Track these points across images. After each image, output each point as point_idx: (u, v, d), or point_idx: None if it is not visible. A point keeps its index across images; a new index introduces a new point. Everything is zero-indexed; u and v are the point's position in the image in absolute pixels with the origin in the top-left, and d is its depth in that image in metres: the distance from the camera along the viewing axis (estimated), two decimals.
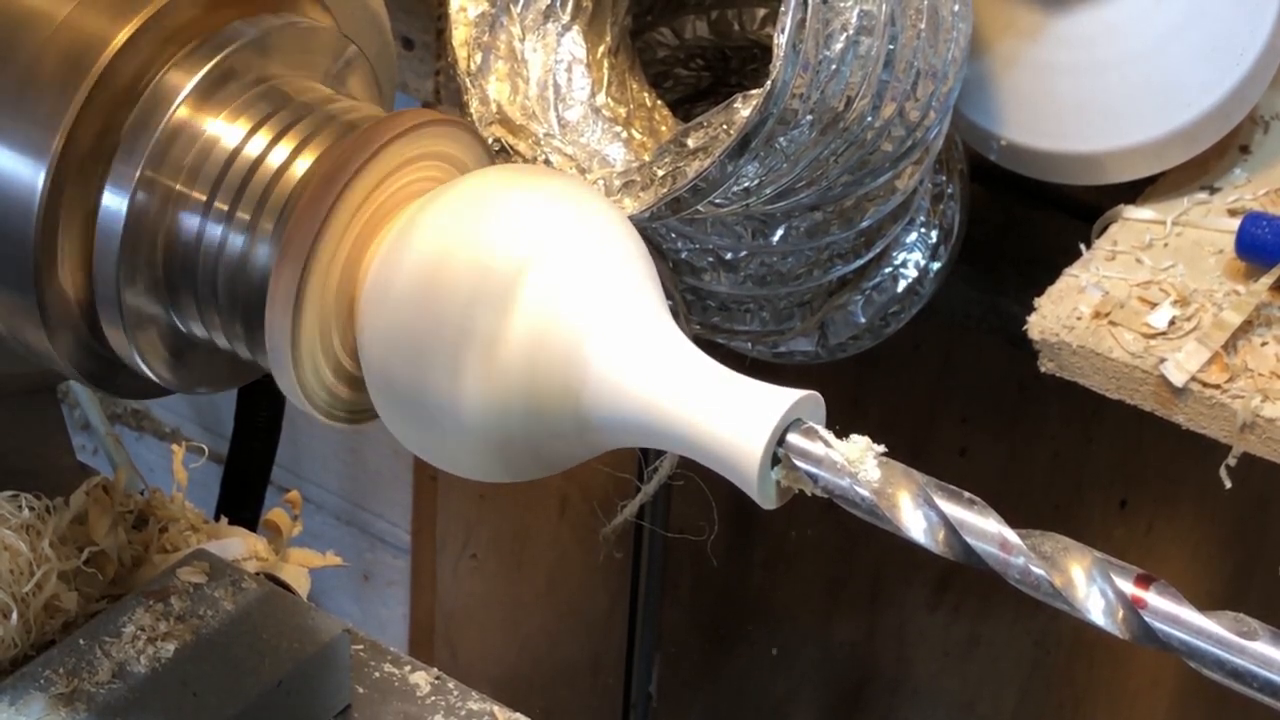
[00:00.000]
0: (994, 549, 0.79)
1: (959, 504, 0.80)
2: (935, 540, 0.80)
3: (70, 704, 1.04)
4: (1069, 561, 0.78)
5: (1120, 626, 0.77)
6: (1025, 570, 0.78)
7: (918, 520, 0.80)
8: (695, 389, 0.83)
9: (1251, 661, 0.75)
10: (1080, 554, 0.78)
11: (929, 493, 0.80)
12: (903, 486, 0.80)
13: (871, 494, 0.80)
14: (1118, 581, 0.77)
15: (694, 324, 1.46)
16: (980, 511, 0.79)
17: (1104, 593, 0.77)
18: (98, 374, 0.95)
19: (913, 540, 0.80)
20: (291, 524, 1.28)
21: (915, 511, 0.80)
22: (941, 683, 2.17)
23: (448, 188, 0.88)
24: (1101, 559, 0.78)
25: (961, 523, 0.79)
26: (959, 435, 1.99)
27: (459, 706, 1.13)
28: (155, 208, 0.90)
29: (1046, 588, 0.78)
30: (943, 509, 0.80)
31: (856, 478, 0.81)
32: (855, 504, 0.81)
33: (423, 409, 0.86)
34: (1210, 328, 1.30)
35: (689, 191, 1.13)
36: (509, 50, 1.23)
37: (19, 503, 1.10)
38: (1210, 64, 1.40)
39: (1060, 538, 0.79)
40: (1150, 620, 0.77)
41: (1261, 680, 0.75)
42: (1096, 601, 0.77)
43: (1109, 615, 0.77)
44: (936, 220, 1.46)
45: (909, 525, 0.80)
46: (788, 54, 1.10)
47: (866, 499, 0.80)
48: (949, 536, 0.79)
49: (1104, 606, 0.77)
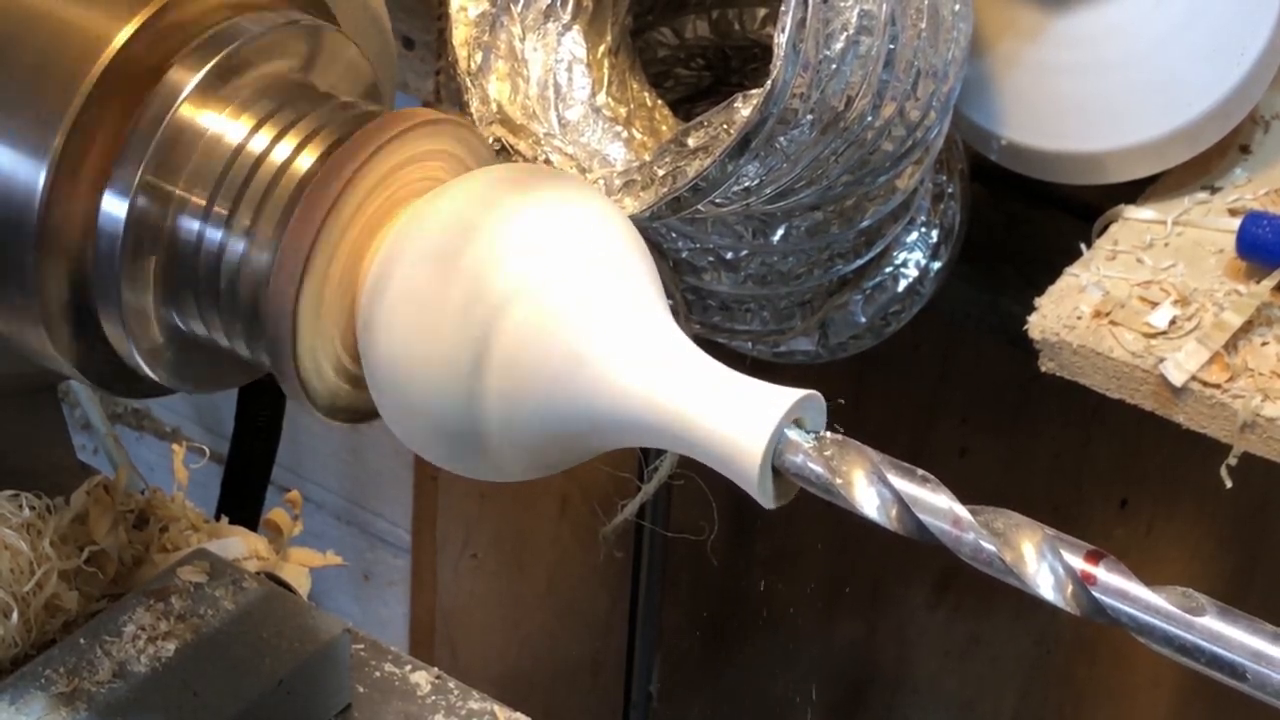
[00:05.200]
0: (946, 525, 0.79)
1: (912, 481, 0.80)
2: (888, 517, 0.80)
3: (71, 703, 1.04)
4: (1020, 538, 0.78)
5: (1070, 602, 0.77)
6: (976, 546, 0.78)
7: (870, 497, 0.80)
8: (696, 388, 0.83)
9: (1199, 636, 0.75)
10: (1031, 530, 0.78)
11: (882, 470, 0.80)
12: (857, 465, 0.80)
13: (826, 471, 0.80)
14: (1067, 557, 0.77)
15: (694, 323, 1.45)
16: (933, 489, 0.79)
17: (1054, 569, 0.77)
18: (98, 374, 0.95)
19: (866, 516, 0.80)
20: (292, 524, 1.28)
21: (869, 489, 0.80)
22: (942, 682, 2.17)
23: (449, 186, 0.88)
24: (1052, 535, 0.78)
25: (914, 499, 0.79)
26: (959, 435, 1.99)
27: (459, 706, 1.13)
28: (156, 210, 0.89)
29: (997, 564, 0.78)
30: (895, 486, 0.80)
31: (809, 454, 0.80)
32: (810, 481, 0.81)
33: (426, 408, 0.86)
34: (1211, 328, 1.30)
35: (689, 191, 1.13)
36: (509, 50, 1.23)
37: (19, 502, 1.10)
38: (1211, 64, 1.40)
39: (1012, 514, 0.79)
40: (1099, 595, 0.76)
41: (1209, 655, 0.75)
42: (1046, 577, 0.77)
43: (1059, 590, 0.77)
44: (937, 220, 1.46)
45: (862, 502, 0.80)
46: (788, 53, 1.10)
47: (821, 476, 0.80)
48: (901, 513, 0.79)
49: (1054, 582, 0.77)
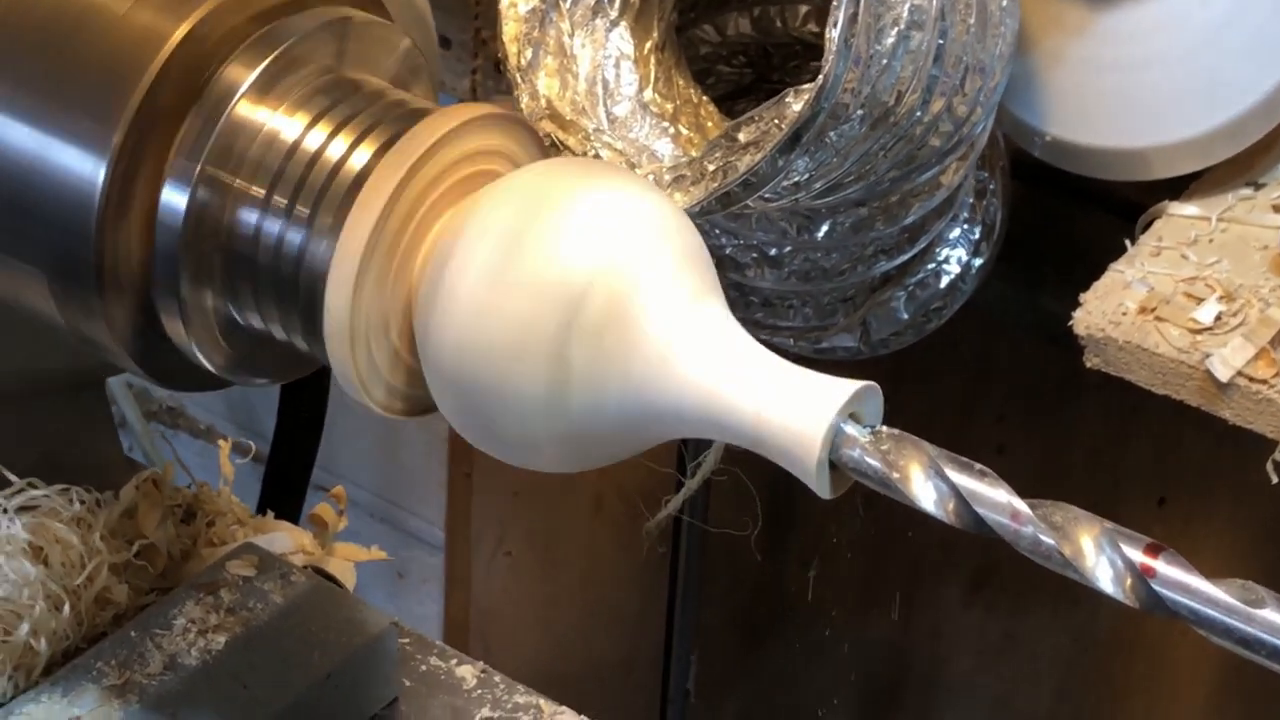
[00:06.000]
0: (1005, 519, 0.79)
1: (970, 475, 0.80)
2: (945, 511, 0.79)
3: (122, 695, 1.04)
4: (1078, 531, 0.78)
5: (1129, 594, 0.77)
6: (1035, 540, 0.78)
7: (928, 491, 0.80)
8: (756, 380, 0.83)
9: (1259, 629, 0.75)
10: (1090, 523, 0.78)
11: (940, 464, 0.80)
12: (914, 459, 0.80)
13: (883, 465, 0.80)
14: (1127, 550, 0.77)
15: (737, 319, 1.45)
16: (991, 483, 0.79)
17: (1113, 561, 0.77)
18: (155, 366, 0.95)
19: (924, 510, 0.80)
20: (337, 518, 1.29)
21: (926, 483, 0.80)
22: (977, 680, 2.17)
23: (508, 181, 0.88)
24: (1111, 528, 0.78)
25: (972, 493, 0.79)
26: (997, 432, 1.98)
27: (505, 700, 1.14)
28: (215, 203, 0.90)
29: (1056, 557, 0.78)
30: (953, 480, 0.79)
31: (866, 448, 0.80)
32: (867, 475, 0.80)
33: (489, 404, 0.86)
34: (1256, 323, 1.30)
35: (739, 186, 1.14)
36: (558, 46, 1.23)
37: (69, 496, 1.10)
38: (1255, 60, 1.39)
39: (1070, 508, 0.79)
40: (1159, 588, 0.76)
41: (1270, 647, 0.75)
42: (1105, 570, 0.77)
43: (1118, 583, 0.77)
44: (979, 216, 1.46)
45: (920, 496, 0.80)
46: (840, 48, 1.10)
47: (878, 469, 0.80)
48: (959, 507, 0.79)
49: (1113, 575, 0.77)
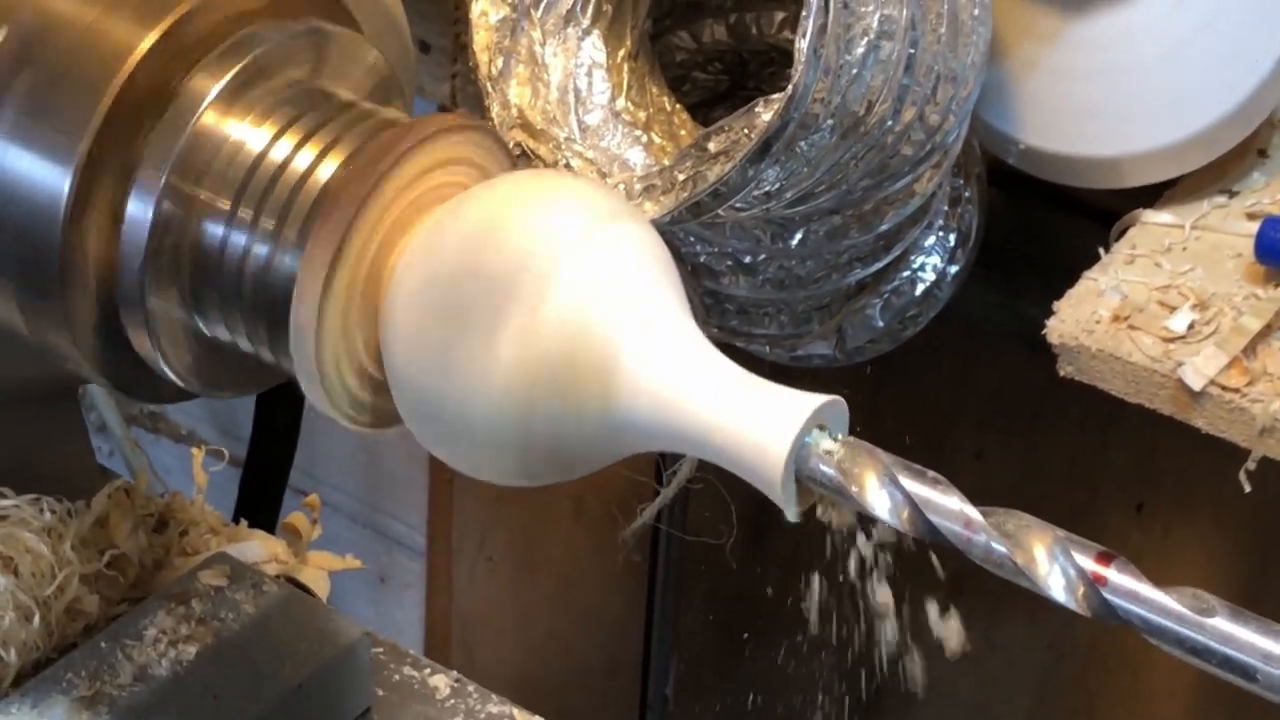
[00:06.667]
0: (957, 527, 0.79)
1: (923, 483, 0.80)
2: (900, 519, 0.79)
3: (92, 706, 1.04)
4: (1031, 539, 0.78)
5: (1081, 604, 0.77)
6: (988, 548, 0.78)
7: (883, 499, 0.80)
8: (720, 394, 0.83)
9: (1210, 638, 0.75)
10: (1042, 532, 0.78)
11: (894, 472, 0.80)
12: (869, 467, 0.80)
13: (838, 473, 0.80)
14: (1079, 559, 0.77)
15: (712, 327, 1.45)
16: (944, 490, 0.79)
17: (1065, 570, 0.77)
18: (121, 377, 0.95)
19: (879, 518, 0.80)
20: (311, 527, 1.28)
21: (880, 491, 0.80)
22: (955, 688, 2.17)
23: (474, 192, 0.88)
24: (1063, 537, 0.78)
25: (925, 501, 0.79)
26: (976, 438, 1.98)
27: (478, 709, 1.13)
28: (180, 215, 0.90)
29: (1009, 565, 0.78)
30: (907, 488, 0.80)
31: (822, 456, 0.80)
32: (823, 484, 0.81)
33: (453, 424, 0.86)
34: (1229, 332, 1.30)
35: (709, 195, 1.14)
36: (530, 55, 1.23)
37: (40, 506, 1.10)
38: (1228, 68, 1.40)
39: (1024, 516, 0.79)
40: (1110, 597, 0.77)
41: (1220, 656, 0.75)
42: (1058, 579, 0.77)
43: (1070, 592, 0.77)
44: (955, 224, 1.46)
45: (874, 505, 0.80)
46: (809, 59, 1.10)
47: (832, 478, 0.80)
48: (913, 515, 0.79)
49: (1065, 584, 0.77)
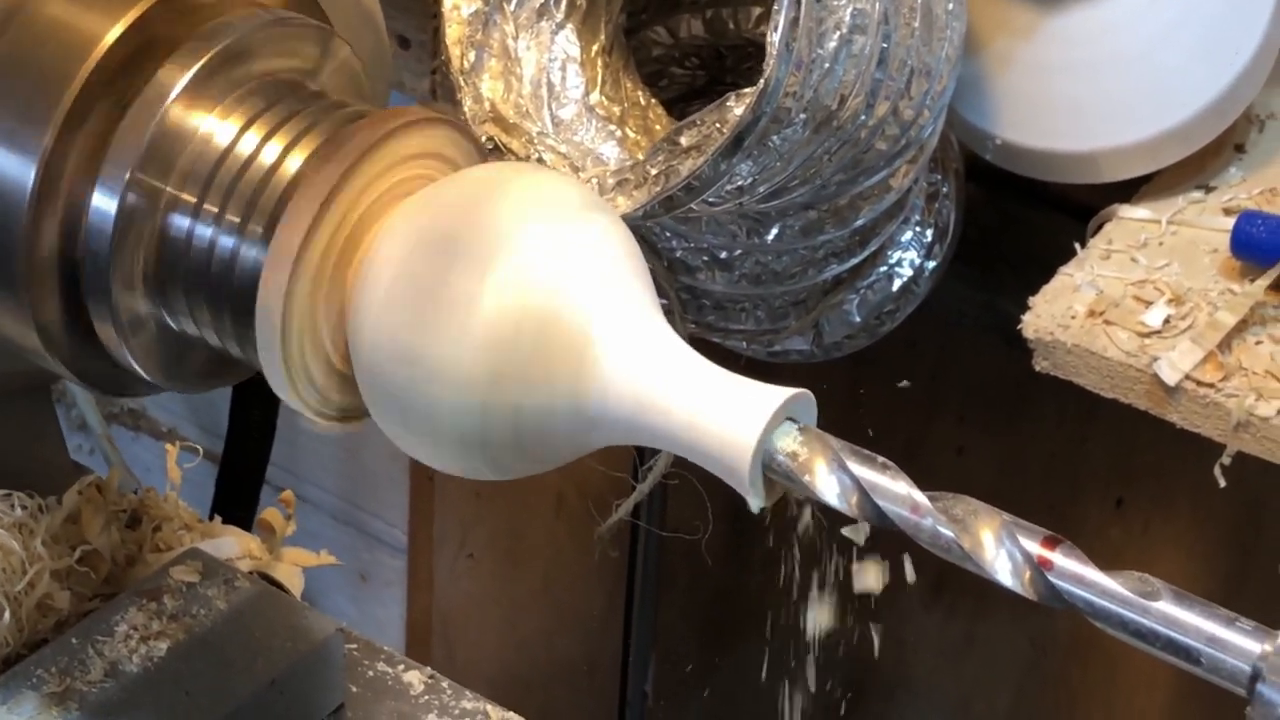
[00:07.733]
0: (904, 511, 0.79)
1: (871, 468, 0.81)
2: (849, 504, 0.80)
3: (62, 703, 1.04)
4: (978, 524, 0.78)
5: (1027, 587, 0.78)
6: (935, 532, 0.79)
7: (832, 485, 0.80)
8: (687, 388, 0.83)
9: (1154, 621, 0.76)
10: (989, 516, 0.79)
11: (842, 457, 0.81)
12: (819, 453, 0.81)
13: (787, 459, 0.81)
14: (1024, 543, 0.78)
15: (689, 323, 1.45)
16: (892, 475, 0.80)
17: (1011, 554, 0.78)
18: (91, 374, 0.95)
19: (828, 504, 0.80)
20: (285, 523, 1.28)
21: (830, 476, 0.80)
22: (937, 683, 2.17)
23: (440, 185, 0.87)
24: (1009, 521, 0.78)
25: (873, 486, 0.80)
26: (955, 434, 1.98)
27: (452, 706, 1.13)
28: (146, 208, 0.89)
29: (956, 550, 0.79)
30: (855, 473, 0.80)
31: (773, 444, 0.81)
32: (776, 470, 0.81)
33: (419, 417, 0.85)
34: (1205, 327, 1.30)
35: (682, 190, 1.13)
36: (502, 48, 1.23)
37: (11, 501, 1.09)
38: (1205, 62, 1.40)
39: (971, 501, 0.79)
40: (1055, 580, 0.77)
41: (1164, 639, 0.76)
42: (1004, 563, 0.78)
43: (1016, 576, 0.78)
44: (932, 219, 1.46)
45: (823, 490, 0.80)
46: (781, 52, 1.10)
47: (784, 464, 0.81)
48: (861, 500, 0.80)
49: (1011, 568, 0.78)
